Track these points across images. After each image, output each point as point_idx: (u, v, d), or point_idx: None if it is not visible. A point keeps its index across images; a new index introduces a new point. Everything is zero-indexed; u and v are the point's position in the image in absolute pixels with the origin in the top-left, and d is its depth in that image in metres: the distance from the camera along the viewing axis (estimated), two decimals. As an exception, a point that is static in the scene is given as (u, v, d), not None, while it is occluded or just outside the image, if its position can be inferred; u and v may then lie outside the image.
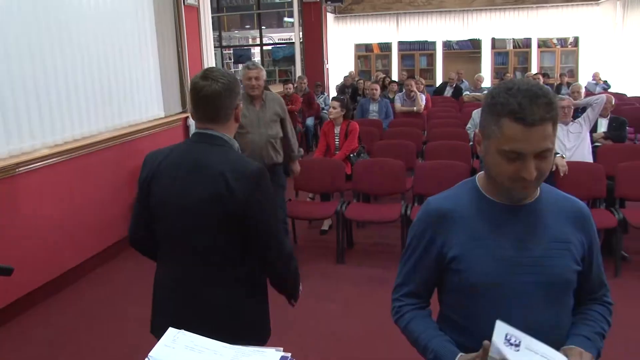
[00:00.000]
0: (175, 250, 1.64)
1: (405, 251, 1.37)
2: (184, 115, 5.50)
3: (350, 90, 9.91)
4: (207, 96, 1.57)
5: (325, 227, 4.88)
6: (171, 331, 1.18)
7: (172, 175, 1.60)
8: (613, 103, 5.46)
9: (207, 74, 1.60)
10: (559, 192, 1.32)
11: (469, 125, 5.85)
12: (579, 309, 1.30)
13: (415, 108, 7.08)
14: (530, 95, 1.09)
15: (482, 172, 1.30)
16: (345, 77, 10.67)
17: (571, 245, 1.23)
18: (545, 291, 1.20)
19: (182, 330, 1.18)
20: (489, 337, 1.20)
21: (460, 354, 1.20)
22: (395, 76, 11.90)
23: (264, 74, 3.63)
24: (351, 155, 4.85)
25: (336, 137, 4.99)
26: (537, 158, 1.12)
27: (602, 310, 1.31)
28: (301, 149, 4.10)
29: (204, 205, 1.55)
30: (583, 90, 5.65)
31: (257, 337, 1.66)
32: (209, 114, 1.60)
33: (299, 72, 10.48)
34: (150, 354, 1.09)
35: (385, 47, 12.69)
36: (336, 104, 4.95)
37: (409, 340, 1.34)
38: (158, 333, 1.66)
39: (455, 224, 1.26)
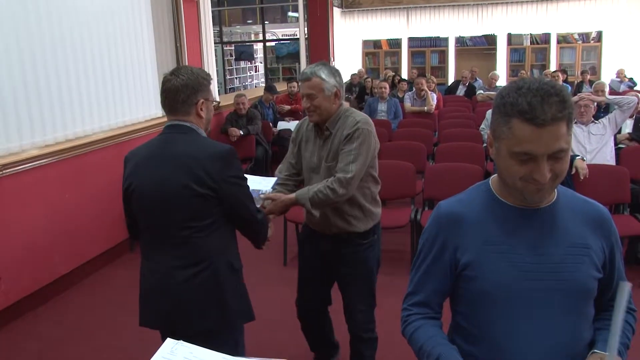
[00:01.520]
0: (155, 241, 1.84)
1: (417, 258, 1.37)
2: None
3: (357, 89, 9.92)
4: (168, 90, 1.81)
5: (330, 233, 4.85)
6: (169, 342, 1.19)
7: (148, 168, 1.81)
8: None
9: (175, 70, 1.85)
10: (577, 196, 1.31)
11: (482, 126, 5.84)
12: (601, 314, 1.30)
13: (425, 108, 7.07)
14: (542, 94, 1.09)
15: (496, 175, 1.30)
16: (352, 75, 10.69)
17: (591, 251, 1.22)
18: (564, 299, 1.20)
19: (181, 341, 1.19)
20: (503, 347, 1.20)
21: None
22: (405, 74, 11.91)
23: (327, 85, 2.24)
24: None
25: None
26: (551, 159, 1.12)
27: (628, 317, 1.31)
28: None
29: (181, 192, 1.74)
30: (607, 89, 5.60)
31: (241, 315, 1.92)
32: (168, 105, 1.83)
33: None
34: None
35: (395, 44, 12.70)
36: (346, 104, 4.97)
37: (413, 351, 1.33)
38: (148, 324, 1.90)
39: (469, 228, 1.26)
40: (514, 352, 1.19)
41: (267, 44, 13.63)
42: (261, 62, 15.65)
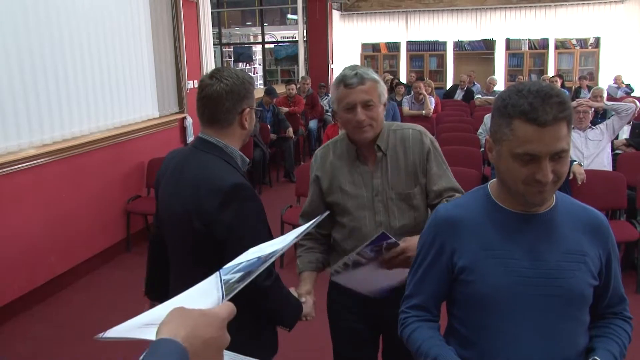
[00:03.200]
0: (171, 256, 1.69)
1: (414, 262, 1.38)
2: (181, 115, 5.51)
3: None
4: (208, 96, 1.54)
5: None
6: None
7: (165, 183, 1.65)
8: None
9: (215, 73, 1.57)
10: (575, 202, 1.32)
11: (480, 130, 5.85)
12: (599, 322, 1.30)
13: (423, 112, 7.09)
14: (542, 96, 1.11)
15: (494, 179, 1.31)
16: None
17: (587, 257, 1.23)
18: (559, 306, 1.20)
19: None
20: (498, 352, 1.21)
21: None
22: (403, 78, 11.93)
23: (382, 90, 1.75)
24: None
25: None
26: (553, 160, 1.13)
27: (625, 325, 1.31)
28: None
29: (179, 220, 1.54)
30: (605, 95, 5.61)
31: None
32: (207, 115, 1.57)
33: (302, 72, 10.50)
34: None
35: (393, 47, 12.73)
36: None
37: (411, 352, 1.34)
38: None
39: (466, 232, 1.26)
40: (509, 357, 1.20)
41: (266, 46, 13.62)
42: (260, 64, 15.67)
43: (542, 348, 1.19)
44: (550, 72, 11.37)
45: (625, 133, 5.31)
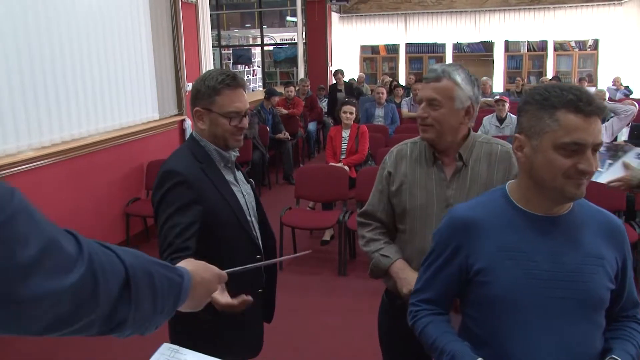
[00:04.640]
0: None
1: (427, 257, 1.38)
2: (180, 117, 5.52)
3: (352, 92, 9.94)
4: None
5: (326, 237, 4.88)
6: (165, 346, 1.17)
7: None
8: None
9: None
10: (592, 205, 1.32)
11: (479, 132, 5.86)
12: (613, 325, 1.30)
13: (423, 113, 7.11)
14: (578, 88, 1.16)
15: (512, 180, 1.31)
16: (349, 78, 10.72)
17: (605, 261, 1.23)
18: (577, 309, 1.19)
19: (173, 345, 1.18)
20: (513, 354, 1.20)
21: (480, 358, 1.20)
22: (402, 80, 11.94)
23: (460, 94, 1.64)
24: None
25: (343, 141, 5.11)
26: (592, 153, 1.15)
27: (639, 328, 1.31)
28: None
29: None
30: (607, 96, 5.63)
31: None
32: None
33: (301, 74, 10.52)
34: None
35: (392, 49, 12.74)
36: (352, 109, 5.16)
37: (424, 346, 1.34)
38: None
39: (483, 234, 1.26)
40: (524, 359, 1.19)
41: (265, 48, 13.63)
42: (259, 66, 15.69)
43: (558, 351, 1.18)
44: (549, 74, 11.39)
45: (624, 135, 5.32)
